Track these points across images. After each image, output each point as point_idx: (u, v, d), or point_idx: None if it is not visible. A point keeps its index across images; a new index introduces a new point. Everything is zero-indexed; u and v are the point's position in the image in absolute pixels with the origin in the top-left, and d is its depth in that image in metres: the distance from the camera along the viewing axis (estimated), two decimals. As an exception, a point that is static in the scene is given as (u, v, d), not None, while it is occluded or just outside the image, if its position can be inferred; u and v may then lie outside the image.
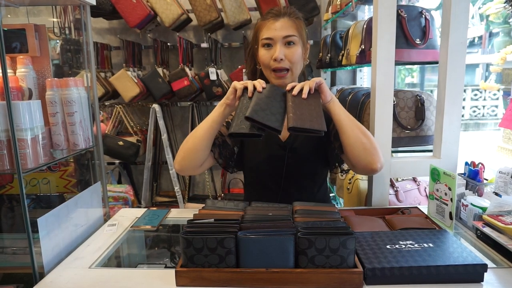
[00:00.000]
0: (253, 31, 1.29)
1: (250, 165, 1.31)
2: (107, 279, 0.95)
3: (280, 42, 1.18)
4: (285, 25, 1.19)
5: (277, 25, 1.19)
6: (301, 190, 1.28)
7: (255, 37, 1.26)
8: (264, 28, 1.21)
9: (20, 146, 1.04)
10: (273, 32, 1.18)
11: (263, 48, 1.21)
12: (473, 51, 4.69)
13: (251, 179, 1.34)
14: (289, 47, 1.19)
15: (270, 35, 1.19)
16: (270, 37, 1.19)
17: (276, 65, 1.18)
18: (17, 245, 1.38)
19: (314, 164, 1.27)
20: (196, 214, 1.03)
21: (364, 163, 1.11)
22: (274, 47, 1.19)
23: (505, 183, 1.18)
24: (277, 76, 1.20)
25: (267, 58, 1.20)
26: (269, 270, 0.86)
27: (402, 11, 1.50)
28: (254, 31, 1.28)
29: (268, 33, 1.19)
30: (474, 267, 0.85)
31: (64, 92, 1.23)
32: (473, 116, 8.12)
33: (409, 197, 1.62)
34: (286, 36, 1.18)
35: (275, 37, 1.18)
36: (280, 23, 1.19)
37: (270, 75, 1.22)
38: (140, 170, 3.11)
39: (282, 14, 1.21)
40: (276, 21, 1.19)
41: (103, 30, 3.01)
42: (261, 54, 1.22)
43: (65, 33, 2.51)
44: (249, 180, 1.36)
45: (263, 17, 1.26)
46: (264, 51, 1.21)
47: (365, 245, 0.95)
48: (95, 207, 1.35)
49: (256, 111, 0.99)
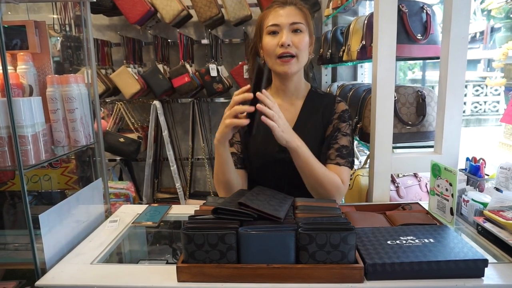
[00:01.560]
0: (257, 22, 1.23)
1: (252, 167, 1.27)
2: (109, 275, 0.95)
3: (287, 29, 1.14)
4: (292, 12, 1.15)
5: (284, 12, 1.15)
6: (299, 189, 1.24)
7: (259, 27, 1.21)
8: (269, 15, 1.17)
9: (21, 142, 1.04)
10: (279, 18, 1.14)
11: (268, 35, 1.16)
12: (475, 47, 4.67)
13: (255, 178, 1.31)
14: (296, 34, 1.15)
15: (276, 21, 1.14)
16: (276, 23, 1.14)
17: (282, 50, 1.13)
18: (19, 241, 1.39)
19: None
20: (197, 210, 1.04)
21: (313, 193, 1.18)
22: (281, 33, 1.14)
23: (506, 179, 1.18)
24: (282, 62, 1.14)
25: (273, 45, 1.15)
26: (270, 266, 0.86)
27: (403, 6, 1.49)
28: (257, 22, 1.22)
29: (274, 20, 1.14)
30: (475, 262, 0.85)
31: (64, 89, 1.22)
32: (475, 112, 8.11)
33: (410, 193, 1.62)
34: (293, 23, 1.14)
35: (281, 24, 1.14)
36: (287, 11, 1.15)
37: (275, 62, 1.16)
38: (141, 167, 3.11)
39: (289, 3, 1.17)
40: (282, 8, 1.16)
41: (104, 27, 3.00)
42: (266, 41, 1.16)
43: (65, 29, 2.51)
44: (252, 178, 1.33)
45: (267, 8, 1.22)
46: (269, 38, 1.16)
47: (366, 241, 0.96)
48: (96, 203, 1.35)
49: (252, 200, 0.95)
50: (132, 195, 2.57)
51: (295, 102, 1.27)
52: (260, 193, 1.01)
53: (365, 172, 1.74)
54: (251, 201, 0.93)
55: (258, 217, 0.92)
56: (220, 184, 1.17)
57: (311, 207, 1.03)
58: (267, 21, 1.17)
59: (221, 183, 1.17)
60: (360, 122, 1.71)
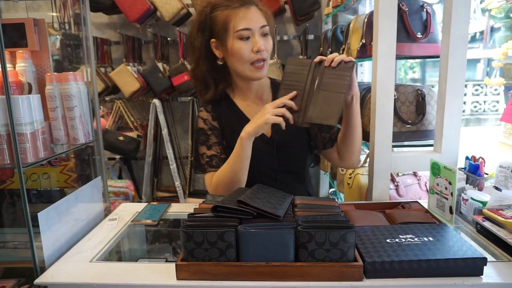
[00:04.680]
0: (216, 22, 1.13)
1: None
2: (108, 273, 0.95)
3: (258, 33, 1.10)
4: (258, 14, 1.11)
5: (252, 14, 1.10)
6: (295, 178, 1.28)
7: (223, 29, 1.11)
8: (236, 17, 1.09)
9: (20, 140, 1.04)
10: (250, 22, 1.09)
11: (240, 40, 1.09)
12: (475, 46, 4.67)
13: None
14: (265, 38, 1.12)
15: (248, 26, 1.09)
16: (248, 27, 1.09)
17: (258, 56, 1.10)
18: (18, 240, 1.39)
19: (303, 152, 1.28)
20: (197, 208, 1.04)
21: (354, 161, 1.24)
22: (253, 38, 1.10)
23: (506, 177, 1.18)
24: (256, 68, 1.12)
25: (246, 51, 1.10)
26: (269, 264, 0.86)
27: (403, 4, 1.49)
28: (217, 22, 1.12)
29: (246, 23, 1.08)
30: (474, 260, 0.85)
31: (63, 87, 1.22)
32: (474, 111, 8.11)
33: (409, 191, 1.62)
34: (263, 26, 1.11)
35: (253, 28, 1.09)
36: (254, 13, 1.10)
37: (249, 68, 1.13)
38: (140, 165, 3.11)
39: (250, 3, 1.11)
40: (249, 10, 1.10)
41: (103, 25, 3.00)
42: (238, 47, 1.10)
43: (64, 28, 2.50)
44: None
45: (222, 4, 1.11)
46: (241, 43, 1.09)
47: (365, 239, 0.96)
48: (95, 201, 1.35)
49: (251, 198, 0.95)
50: (132, 193, 2.57)
51: (264, 97, 1.27)
52: (260, 191, 1.01)
53: (365, 171, 1.74)
54: (250, 199, 0.93)
55: (257, 215, 0.92)
56: (227, 184, 1.14)
57: (311, 205, 1.03)
58: (235, 24, 1.10)
59: (228, 184, 1.14)
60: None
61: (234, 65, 1.15)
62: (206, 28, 1.15)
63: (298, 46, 2.97)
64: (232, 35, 1.10)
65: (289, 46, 3.03)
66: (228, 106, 1.24)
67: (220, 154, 1.22)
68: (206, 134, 1.22)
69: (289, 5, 2.63)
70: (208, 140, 1.22)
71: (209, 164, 1.20)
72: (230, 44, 1.11)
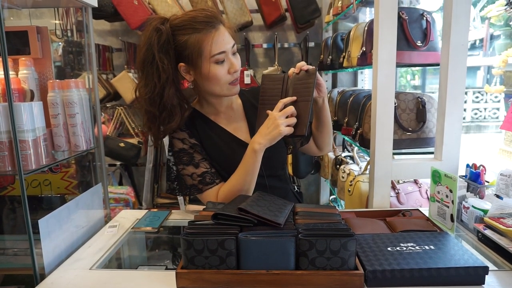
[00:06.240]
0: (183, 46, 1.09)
1: (227, 175, 1.20)
2: (108, 280, 0.95)
3: (230, 52, 1.11)
4: (226, 33, 1.11)
5: (223, 35, 1.09)
6: (280, 179, 1.29)
7: (198, 53, 1.07)
8: (210, 42, 1.06)
9: (21, 147, 1.04)
10: (224, 44, 1.08)
11: (217, 65, 1.09)
12: (474, 54, 4.68)
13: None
14: (236, 56, 1.13)
15: (223, 49, 1.08)
16: (223, 50, 1.08)
17: (235, 76, 1.12)
18: (18, 247, 1.38)
19: (283, 154, 1.29)
20: (197, 215, 1.03)
21: (330, 147, 1.35)
22: (227, 60, 1.10)
23: (507, 185, 1.18)
24: (234, 85, 1.14)
25: (223, 74, 1.10)
26: (269, 272, 0.85)
27: (403, 13, 1.50)
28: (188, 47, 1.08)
29: (220, 47, 1.08)
30: (475, 269, 0.85)
31: (65, 94, 1.23)
32: (475, 118, 8.11)
33: (410, 199, 1.61)
34: (233, 45, 1.12)
35: (227, 50, 1.09)
36: (223, 33, 1.10)
37: (226, 88, 1.13)
38: (141, 172, 3.11)
39: (217, 22, 1.10)
40: (219, 31, 1.08)
41: (105, 32, 3.02)
42: (216, 71, 1.09)
43: (67, 35, 2.53)
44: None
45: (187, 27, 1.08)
46: (218, 68, 1.09)
47: (366, 247, 0.95)
48: (96, 208, 1.35)
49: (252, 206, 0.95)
50: (132, 200, 2.57)
51: (234, 105, 1.27)
52: (260, 198, 1.01)
53: (365, 178, 1.74)
54: (251, 206, 0.93)
55: (258, 222, 0.92)
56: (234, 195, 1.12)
57: (311, 213, 1.03)
58: (209, 48, 1.07)
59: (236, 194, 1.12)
60: (361, 128, 1.71)
61: (209, 88, 1.14)
62: (170, 50, 1.09)
63: (298, 54, 2.99)
64: (208, 60, 1.08)
65: (289, 54, 3.05)
66: (202, 121, 1.22)
67: (210, 169, 1.18)
68: (189, 153, 1.18)
69: (290, 13, 2.65)
70: (193, 159, 1.17)
71: (204, 183, 1.16)
72: (206, 69, 1.09)
